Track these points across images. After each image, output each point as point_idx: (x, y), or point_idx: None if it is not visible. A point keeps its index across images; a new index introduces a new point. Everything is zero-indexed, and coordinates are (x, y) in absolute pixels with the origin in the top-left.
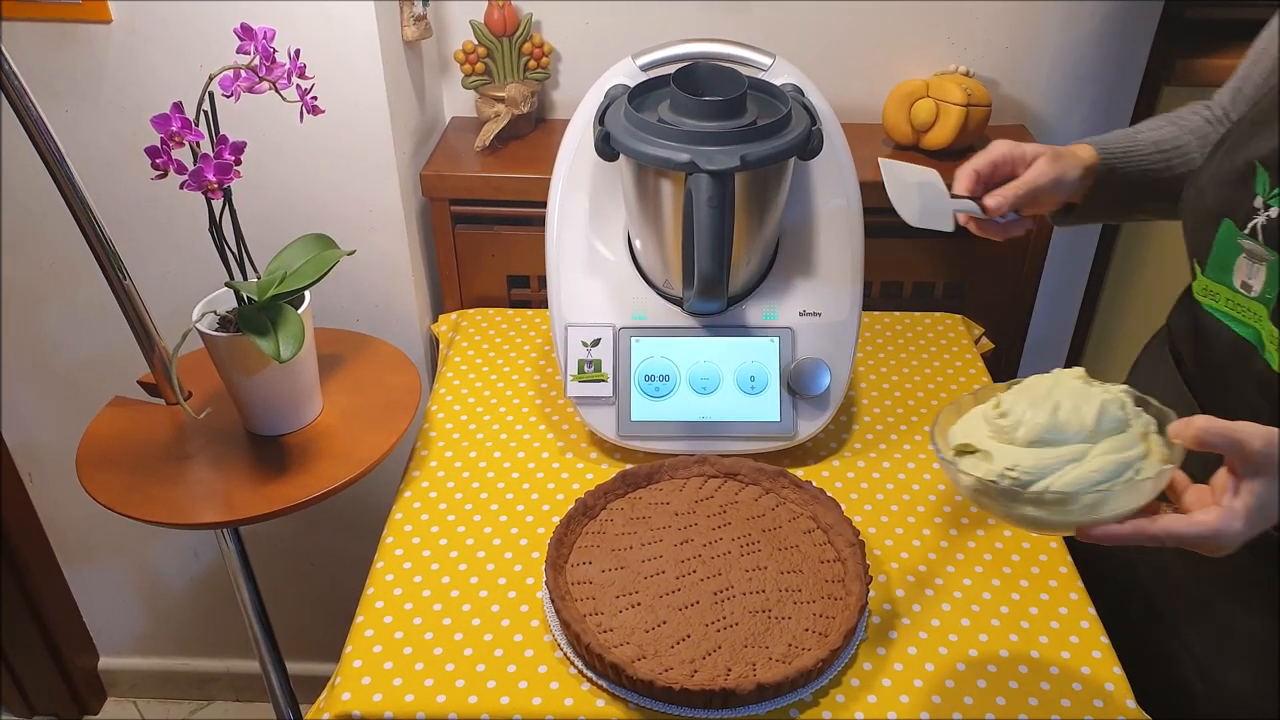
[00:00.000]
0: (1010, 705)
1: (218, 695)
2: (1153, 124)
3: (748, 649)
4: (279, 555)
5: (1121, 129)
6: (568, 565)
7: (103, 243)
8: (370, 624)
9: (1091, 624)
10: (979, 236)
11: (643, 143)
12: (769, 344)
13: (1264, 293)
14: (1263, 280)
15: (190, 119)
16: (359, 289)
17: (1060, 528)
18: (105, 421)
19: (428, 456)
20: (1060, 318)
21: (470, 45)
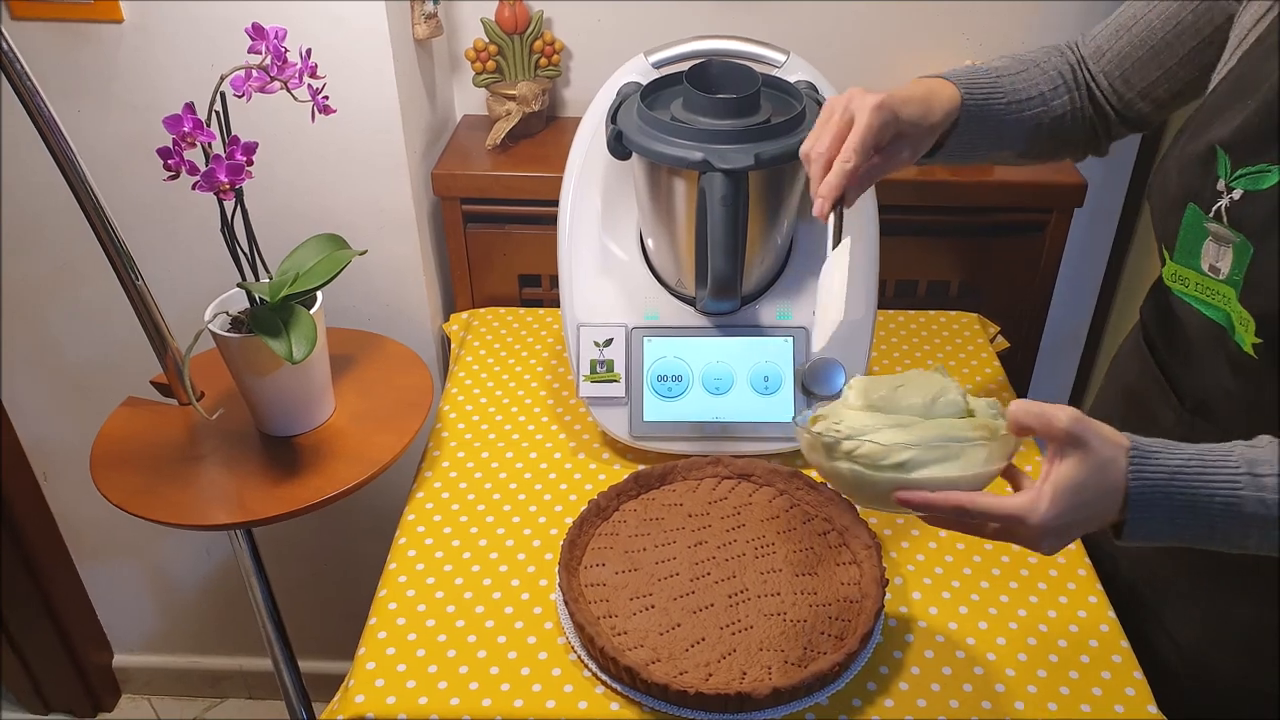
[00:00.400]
0: (1029, 710)
1: (231, 693)
2: (1014, 68)
3: (763, 652)
4: (291, 554)
5: (985, 69)
6: (581, 567)
7: (115, 243)
8: (383, 625)
9: (1111, 627)
10: (991, 234)
11: (655, 141)
12: (783, 344)
13: (1231, 274)
14: (1230, 262)
15: (202, 119)
16: (370, 289)
17: (874, 488)
18: (118, 422)
19: (440, 457)
20: (1076, 317)
21: (481, 43)
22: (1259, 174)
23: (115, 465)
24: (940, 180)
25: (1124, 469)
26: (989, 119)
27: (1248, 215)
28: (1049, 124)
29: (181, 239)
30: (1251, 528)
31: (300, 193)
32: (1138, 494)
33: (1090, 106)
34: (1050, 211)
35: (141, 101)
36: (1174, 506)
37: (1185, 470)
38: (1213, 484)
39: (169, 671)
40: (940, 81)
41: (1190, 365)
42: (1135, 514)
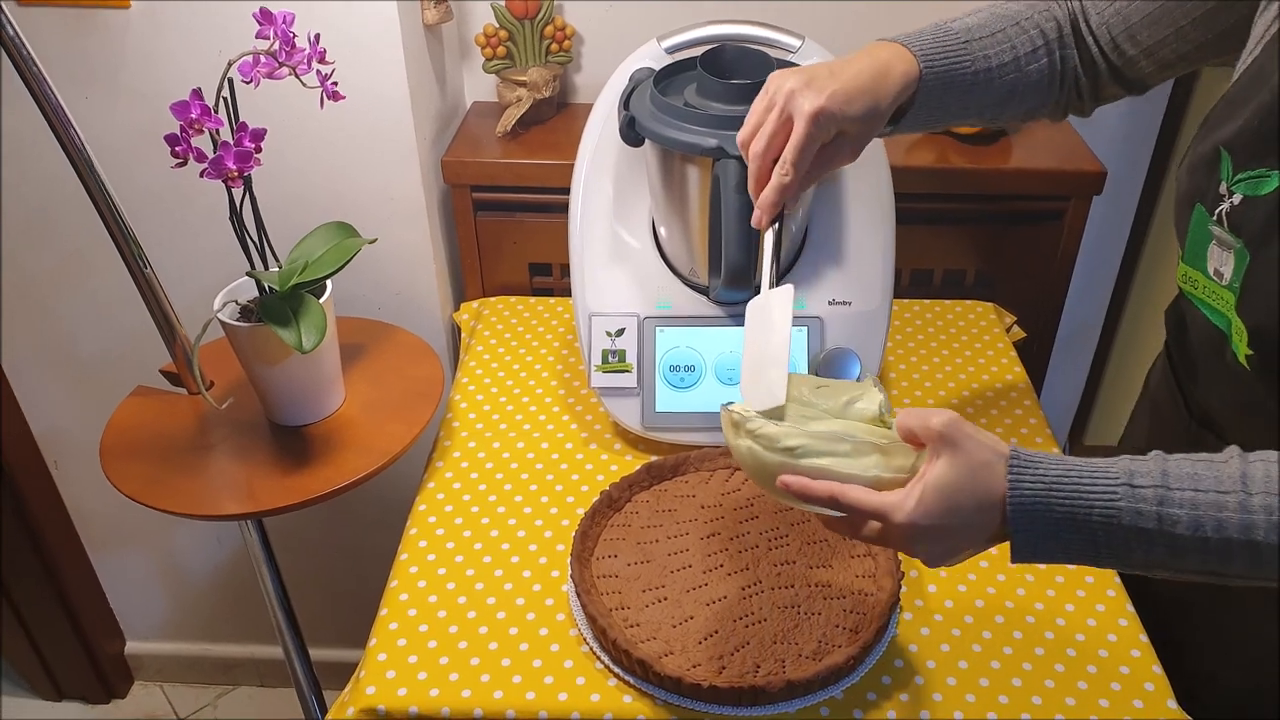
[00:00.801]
0: (1046, 704)
1: (242, 680)
2: (989, 27)
3: (777, 645)
4: (302, 543)
5: (954, 30)
6: (593, 558)
7: (123, 231)
8: (394, 617)
9: (1130, 621)
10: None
11: (669, 127)
12: (797, 334)
13: (1232, 281)
14: (1231, 268)
15: (210, 106)
16: (380, 277)
17: (765, 469)
18: (128, 411)
19: (451, 447)
20: (1093, 306)
21: (491, 28)
22: (1258, 178)
23: (125, 455)
24: (957, 168)
25: (1002, 477)
26: (952, 90)
27: (1247, 221)
28: (1023, 90)
29: (190, 227)
30: (1133, 542)
31: (309, 180)
32: (1016, 504)
33: (1079, 66)
34: (1069, 199)
35: (149, 88)
36: (1055, 520)
37: (1064, 481)
38: (1090, 495)
39: (181, 659)
40: (897, 53)
41: (1195, 375)
42: (1017, 527)
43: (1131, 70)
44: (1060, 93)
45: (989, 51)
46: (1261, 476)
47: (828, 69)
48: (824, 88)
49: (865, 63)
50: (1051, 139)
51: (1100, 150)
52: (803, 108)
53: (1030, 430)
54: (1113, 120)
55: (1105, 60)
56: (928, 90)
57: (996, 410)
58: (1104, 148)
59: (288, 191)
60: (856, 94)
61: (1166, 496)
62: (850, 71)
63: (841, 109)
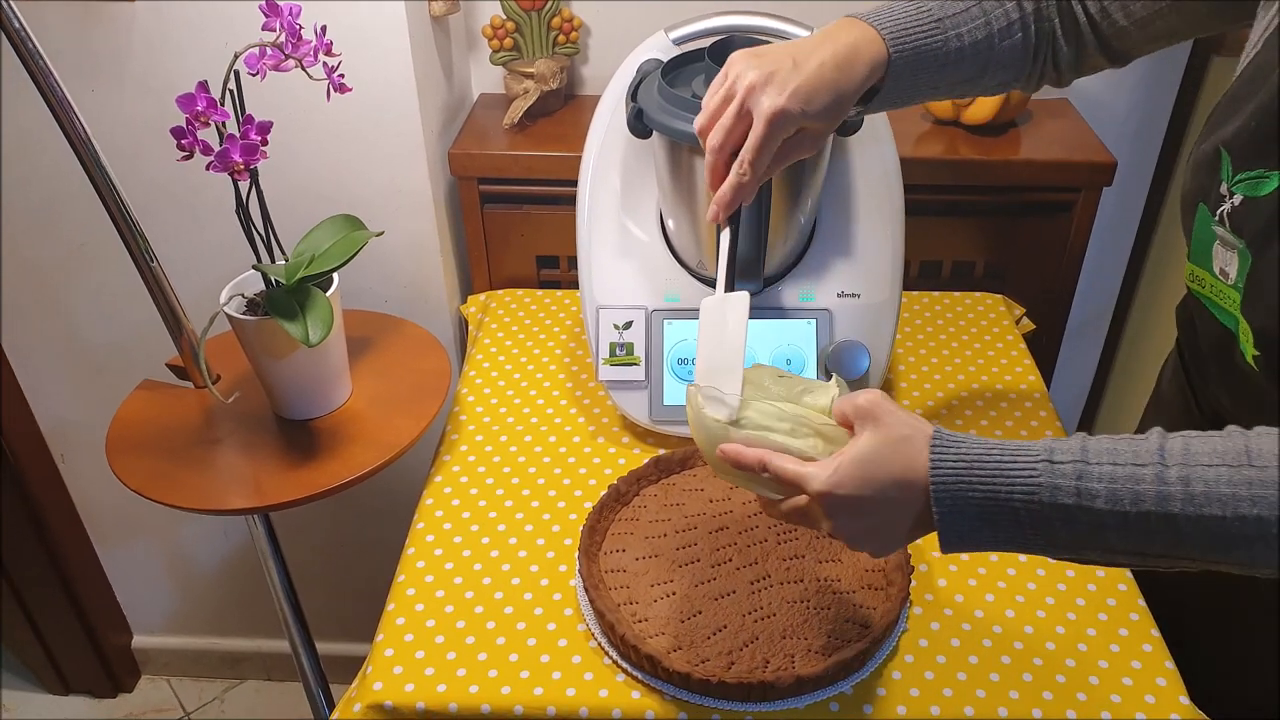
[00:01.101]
0: (1057, 700)
1: (249, 674)
2: (961, 3)
3: (786, 640)
4: (308, 537)
5: (926, 10)
6: (601, 553)
7: (129, 225)
8: (401, 612)
9: (1141, 616)
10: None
11: (676, 119)
12: (806, 326)
13: (1237, 281)
14: (1236, 268)
15: (216, 98)
16: (387, 270)
17: (710, 438)
18: (134, 405)
19: (458, 440)
20: (1102, 298)
21: (498, 20)
22: (1258, 179)
23: (131, 449)
24: (966, 159)
25: (924, 455)
26: (923, 70)
27: (1247, 222)
28: (996, 66)
29: (196, 221)
30: (1055, 520)
31: (316, 173)
32: (938, 483)
33: (1060, 37)
34: (1079, 191)
35: (155, 81)
36: (978, 500)
37: (985, 460)
38: (1011, 472)
39: (188, 653)
40: (865, 35)
41: (1206, 374)
42: (940, 508)
43: (1120, 41)
44: (1034, 65)
45: (962, 30)
46: (1179, 450)
47: (790, 58)
48: (785, 84)
49: (829, 50)
50: (1061, 130)
51: (1110, 141)
52: (763, 107)
53: (1040, 423)
54: (1123, 111)
55: (1094, 30)
56: (897, 73)
57: (1006, 403)
58: (1114, 138)
59: (294, 184)
60: (819, 89)
61: (1085, 471)
62: (813, 62)
63: (803, 108)
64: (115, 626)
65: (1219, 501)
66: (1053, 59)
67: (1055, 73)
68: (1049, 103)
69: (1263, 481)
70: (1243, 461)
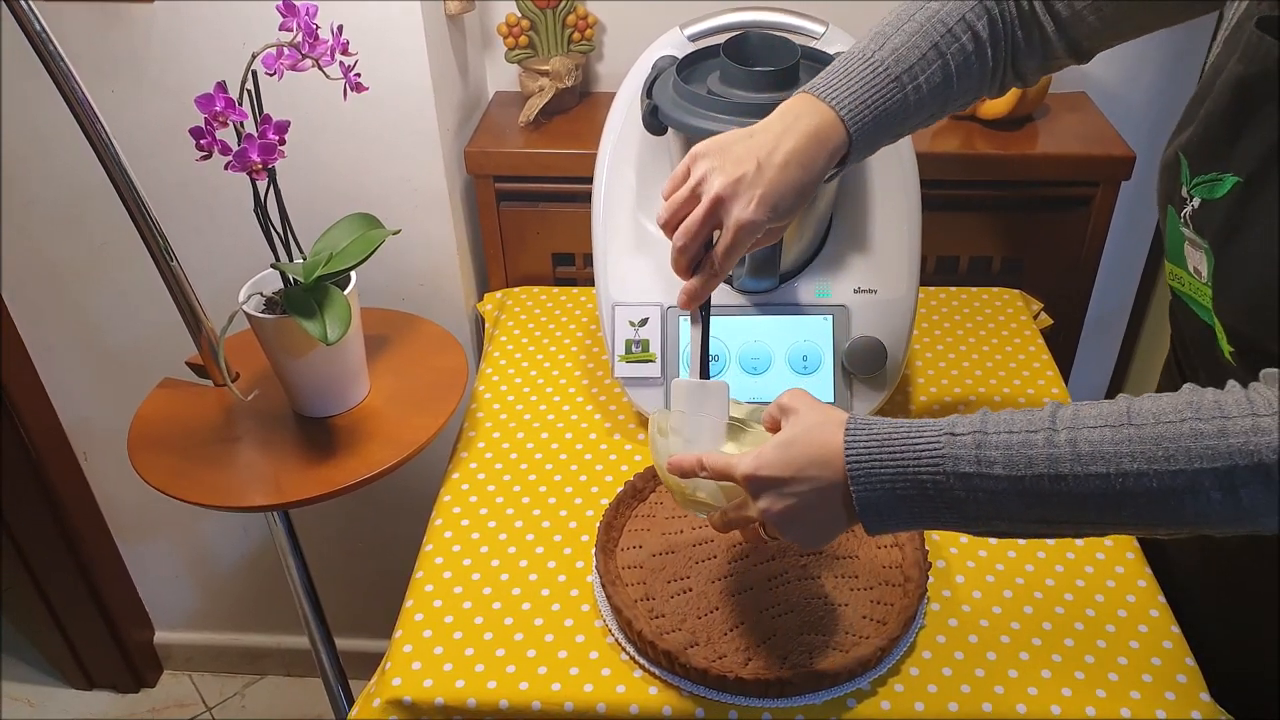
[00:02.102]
0: (1076, 697)
1: (269, 670)
2: (916, 49)
3: (803, 636)
4: (327, 534)
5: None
6: (618, 549)
7: (149, 224)
8: (420, 608)
9: (1161, 612)
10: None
11: (692, 116)
12: (822, 322)
13: (1209, 279)
14: (1206, 267)
15: (234, 98)
16: (404, 268)
17: (659, 454)
18: (155, 403)
19: (475, 438)
20: (1121, 293)
21: (513, 18)
22: (1213, 182)
23: (152, 447)
24: (983, 154)
25: (840, 437)
26: (886, 129)
27: (1208, 224)
28: (958, 97)
29: (215, 220)
30: (960, 490)
31: (333, 172)
32: (853, 462)
33: (1023, 46)
34: (1097, 185)
35: (174, 81)
36: (889, 476)
37: (894, 437)
38: (917, 447)
39: (209, 648)
40: (824, 121)
41: (1194, 369)
42: (857, 488)
43: (1091, 40)
44: (993, 82)
45: (920, 79)
46: (1069, 415)
47: (754, 159)
48: (752, 193)
49: (791, 145)
50: (1079, 123)
51: (1129, 134)
52: (732, 218)
53: None
54: (1141, 104)
55: (1063, 35)
56: (859, 144)
57: (1024, 399)
58: (1132, 132)
59: (312, 183)
60: (785, 193)
61: (984, 440)
62: (777, 163)
63: (770, 215)
64: (137, 622)
65: (1103, 459)
66: (1014, 70)
67: (1017, 80)
68: (1066, 96)
69: (1140, 438)
70: (1123, 421)
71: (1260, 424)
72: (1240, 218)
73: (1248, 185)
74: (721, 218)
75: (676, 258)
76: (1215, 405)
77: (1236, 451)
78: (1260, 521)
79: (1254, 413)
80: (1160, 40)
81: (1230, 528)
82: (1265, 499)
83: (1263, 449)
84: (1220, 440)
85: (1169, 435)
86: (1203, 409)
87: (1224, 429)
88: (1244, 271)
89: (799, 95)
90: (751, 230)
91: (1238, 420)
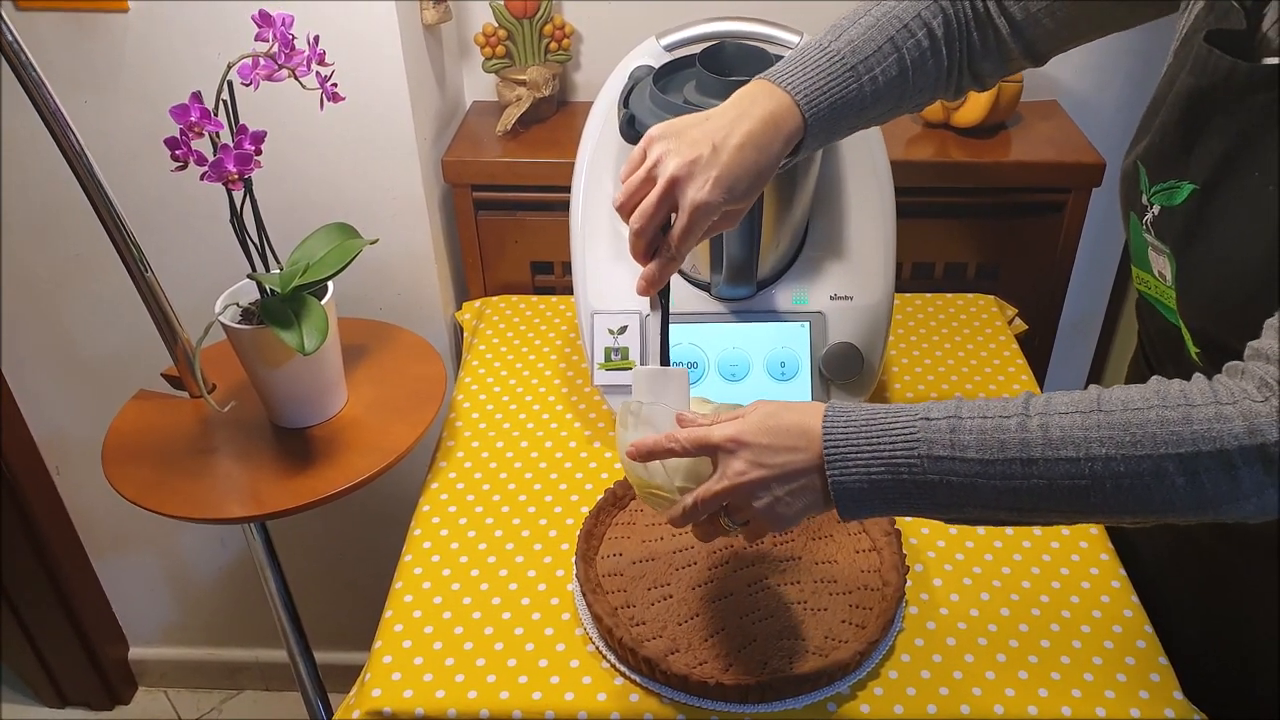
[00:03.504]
0: (1053, 698)
1: (247, 684)
2: (871, 42)
3: (783, 641)
4: (306, 545)
5: (839, 59)
6: (598, 557)
7: (124, 235)
8: (399, 619)
9: (1135, 613)
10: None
11: None
12: (799, 329)
13: (1172, 283)
14: (1170, 272)
15: (209, 109)
16: (382, 278)
17: (619, 445)
18: (130, 415)
19: (454, 447)
20: (1094, 298)
21: (490, 28)
22: (1171, 189)
23: (127, 459)
24: (957, 161)
25: (819, 419)
26: (842, 119)
27: (1168, 230)
28: (914, 94)
29: (191, 230)
30: (932, 475)
31: (310, 182)
32: (830, 445)
33: (979, 49)
34: (1069, 191)
35: (149, 91)
36: (867, 461)
37: (870, 423)
38: (892, 431)
39: (185, 664)
40: (780, 105)
41: (1162, 367)
42: (834, 470)
43: (1046, 43)
44: (949, 83)
45: (875, 71)
46: (1042, 403)
47: (709, 142)
48: (708, 174)
49: (746, 129)
50: (1050, 131)
51: (1099, 141)
52: (688, 199)
53: None
54: (1110, 111)
55: (1019, 38)
56: (815, 130)
57: None
58: (1102, 139)
59: (288, 193)
60: (741, 175)
61: (958, 425)
62: (733, 145)
63: (725, 196)
64: (112, 638)
65: (1073, 444)
66: (970, 71)
67: (974, 83)
68: (1038, 104)
69: (1109, 424)
70: (1093, 408)
71: (1223, 412)
72: (1198, 223)
73: (1204, 192)
74: (677, 199)
75: (634, 241)
76: (1181, 394)
77: (1200, 437)
78: (1223, 509)
79: (1217, 401)
80: (1129, 49)
81: (1194, 514)
82: (1227, 486)
83: (1224, 436)
84: (1185, 427)
85: (1136, 421)
86: (1169, 397)
87: (1188, 416)
88: (1205, 274)
89: (755, 81)
90: (707, 211)
91: (1201, 408)
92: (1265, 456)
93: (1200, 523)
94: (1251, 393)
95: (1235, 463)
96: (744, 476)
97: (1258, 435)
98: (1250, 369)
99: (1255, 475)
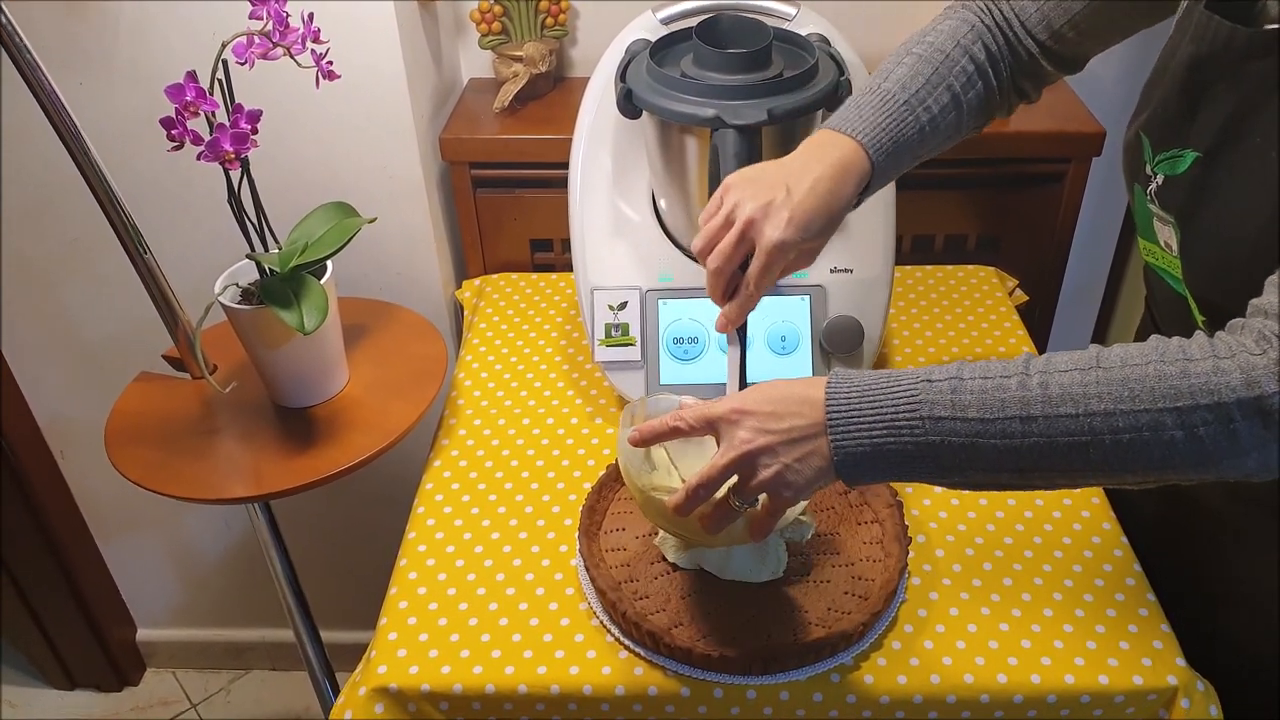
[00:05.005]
0: (1055, 666)
1: (254, 664)
2: (921, 74)
3: (786, 613)
4: (310, 525)
5: (892, 96)
6: (601, 532)
7: (122, 217)
8: (404, 595)
9: (1138, 581)
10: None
11: (666, 99)
12: (799, 303)
13: (1178, 253)
14: (1175, 241)
15: (205, 88)
16: (381, 257)
17: (621, 443)
18: (132, 397)
19: (456, 425)
20: (1094, 268)
21: (486, 4)
22: (1174, 158)
23: (130, 441)
24: None
25: (822, 390)
26: (904, 155)
27: (1171, 199)
28: (967, 120)
29: (189, 211)
30: (934, 437)
31: (307, 161)
32: (833, 411)
33: (1013, 73)
34: (1069, 161)
35: (144, 72)
36: (869, 425)
37: (873, 387)
38: (895, 393)
39: (192, 644)
40: (847, 151)
41: (1169, 334)
42: (836, 435)
43: (1075, 50)
44: (1001, 101)
45: (929, 103)
46: (1041, 362)
47: (784, 184)
48: (782, 215)
49: (819, 172)
50: (1050, 101)
51: (1098, 111)
52: (765, 239)
53: None
54: (1110, 81)
55: (1047, 55)
56: (881, 169)
57: None
58: (1102, 108)
59: (286, 172)
60: (815, 215)
61: (959, 386)
62: (805, 187)
63: (801, 235)
64: (119, 620)
65: (1072, 400)
66: (1016, 88)
67: (1021, 99)
68: None
69: (1108, 380)
70: (1092, 365)
71: (1221, 365)
72: (1202, 190)
73: (1207, 159)
74: (754, 240)
75: (712, 281)
76: (1179, 349)
77: (1198, 390)
78: (1224, 465)
79: (1215, 355)
80: None
81: (1195, 471)
82: (1226, 440)
83: (1222, 389)
84: (1182, 380)
85: (1134, 376)
86: (1167, 353)
87: (1186, 370)
88: (1209, 242)
89: (820, 132)
90: (783, 250)
91: (1199, 362)
92: (1263, 409)
93: (1202, 482)
94: (1250, 346)
95: (1233, 416)
96: (750, 444)
97: (1255, 388)
98: (1250, 324)
99: (1254, 429)
